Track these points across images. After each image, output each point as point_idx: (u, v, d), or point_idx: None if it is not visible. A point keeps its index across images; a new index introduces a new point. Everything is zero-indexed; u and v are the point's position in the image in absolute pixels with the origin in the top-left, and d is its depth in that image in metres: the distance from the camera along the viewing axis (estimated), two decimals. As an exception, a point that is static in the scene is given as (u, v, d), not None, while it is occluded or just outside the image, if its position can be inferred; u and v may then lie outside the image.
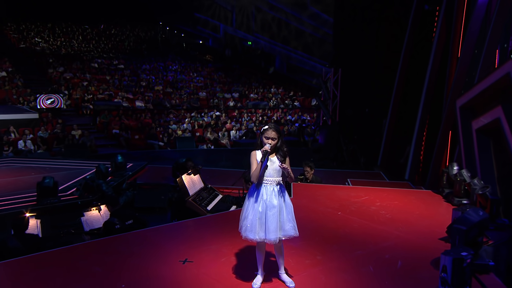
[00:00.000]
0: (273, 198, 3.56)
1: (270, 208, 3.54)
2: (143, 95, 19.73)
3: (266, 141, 3.58)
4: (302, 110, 20.63)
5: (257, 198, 3.58)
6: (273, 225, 3.52)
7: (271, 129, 3.60)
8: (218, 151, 14.80)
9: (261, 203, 3.56)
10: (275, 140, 3.59)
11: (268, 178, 3.61)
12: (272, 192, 3.58)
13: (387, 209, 5.95)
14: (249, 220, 3.57)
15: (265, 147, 3.52)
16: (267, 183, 3.60)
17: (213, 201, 6.60)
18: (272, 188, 3.59)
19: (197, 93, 21.37)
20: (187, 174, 6.56)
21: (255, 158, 3.60)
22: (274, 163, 3.62)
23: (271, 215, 3.53)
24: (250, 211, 3.59)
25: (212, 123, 17.18)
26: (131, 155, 12.96)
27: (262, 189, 3.60)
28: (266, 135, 3.59)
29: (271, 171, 3.61)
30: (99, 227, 5.97)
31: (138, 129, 15.62)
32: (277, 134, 3.59)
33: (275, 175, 3.62)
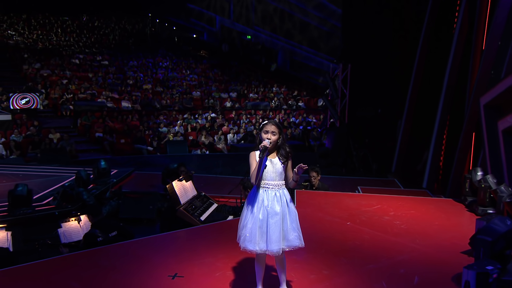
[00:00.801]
0: (275, 204, 3.57)
1: (272, 215, 3.54)
2: (130, 94, 19.78)
3: (265, 135, 3.59)
4: (307, 111, 20.66)
5: (257, 205, 3.59)
6: (275, 235, 3.52)
7: (271, 122, 3.62)
8: (213, 156, 14.79)
9: (262, 210, 3.56)
10: (275, 134, 3.59)
11: (269, 181, 3.61)
12: (274, 198, 3.59)
13: (402, 219, 5.94)
14: (248, 229, 3.57)
15: (264, 142, 3.52)
16: (268, 187, 3.61)
17: (208, 211, 6.60)
18: (274, 193, 3.60)
19: (190, 92, 21.42)
20: (178, 180, 6.56)
21: (255, 158, 3.61)
22: (276, 165, 3.63)
23: (273, 223, 3.53)
24: (249, 219, 3.59)
25: (207, 125, 17.17)
26: (116, 161, 12.95)
27: (263, 194, 3.60)
28: (265, 129, 3.61)
29: (272, 174, 3.62)
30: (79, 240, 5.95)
31: (124, 132, 15.63)
32: (278, 128, 3.61)
33: (277, 178, 3.63)
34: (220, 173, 11.28)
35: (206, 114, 18.80)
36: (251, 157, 3.64)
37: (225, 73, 25.99)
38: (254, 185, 3.64)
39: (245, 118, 18.47)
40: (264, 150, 3.48)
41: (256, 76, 26.16)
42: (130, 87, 20.87)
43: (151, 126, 16.57)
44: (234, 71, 26.60)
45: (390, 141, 11.78)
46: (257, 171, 3.53)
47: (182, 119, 17.72)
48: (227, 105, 20.69)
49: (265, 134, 3.60)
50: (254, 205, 3.61)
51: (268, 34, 27.78)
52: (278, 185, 3.63)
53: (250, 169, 3.60)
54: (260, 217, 3.56)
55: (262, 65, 27.49)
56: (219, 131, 16.43)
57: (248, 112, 19.65)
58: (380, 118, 12.30)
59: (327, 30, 23.18)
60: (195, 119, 18.16)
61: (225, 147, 15.89)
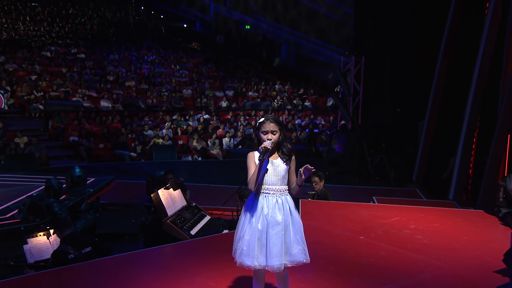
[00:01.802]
0: (277, 213, 3.57)
1: (272, 225, 3.55)
2: (110, 93, 19.82)
3: (264, 136, 3.60)
4: (314, 112, 20.66)
5: (256, 213, 3.59)
6: (276, 248, 3.52)
7: (269, 120, 3.62)
8: (206, 163, 14.78)
9: (261, 219, 3.57)
10: (275, 133, 3.60)
11: (270, 186, 3.62)
12: (275, 205, 3.59)
13: (425, 233, 5.95)
14: (245, 241, 3.57)
15: (265, 144, 3.53)
16: (268, 193, 3.62)
17: (199, 224, 6.58)
18: (275, 199, 3.61)
19: (180, 90, 21.47)
20: (164, 189, 6.55)
21: (253, 161, 3.62)
22: (278, 167, 3.64)
23: (274, 235, 3.53)
24: (246, 229, 3.60)
25: (200, 128, 17.20)
26: (94, 168, 13.01)
27: (262, 201, 3.61)
28: (263, 129, 3.62)
29: (273, 178, 3.62)
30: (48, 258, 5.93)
31: (103, 136, 15.64)
32: (278, 125, 3.62)
33: (279, 182, 3.63)
34: (214, 182, 11.32)
35: (198, 115, 18.80)
36: (250, 159, 3.64)
37: (220, 68, 26.04)
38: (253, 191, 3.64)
39: (243, 120, 18.49)
40: (265, 152, 3.48)
41: (256, 72, 26.19)
42: (111, 84, 20.91)
43: (135, 129, 16.56)
44: (231, 66, 26.65)
45: (410, 146, 11.76)
46: (256, 176, 3.53)
47: (170, 121, 17.73)
48: (222, 105, 20.71)
49: (265, 135, 3.61)
50: (252, 214, 3.61)
51: (270, 24, 27.90)
52: (280, 191, 3.63)
53: (248, 173, 3.60)
54: (259, 228, 3.56)
55: (263, 59, 27.59)
56: (213, 135, 16.45)
57: (247, 113, 19.66)
58: (399, 118, 12.30)
59: (337, 19, 23.28)
60: (185, 121, 18.16)
61: (220, 153, 15.85)
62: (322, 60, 24.41)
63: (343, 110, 13.69)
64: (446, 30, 10.54)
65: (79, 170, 9.38)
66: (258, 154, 3.55)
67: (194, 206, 7.02)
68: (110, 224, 7.81)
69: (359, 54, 13.40)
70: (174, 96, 20.45)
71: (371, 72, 13.22)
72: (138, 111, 18.53)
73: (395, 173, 11.94)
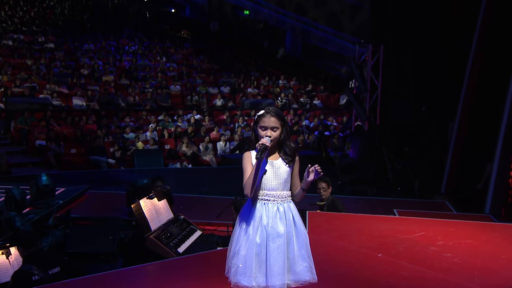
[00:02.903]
0: (278, 223, 3.59)
1: (273, 238, 3.56)
2: (85, 89, 19.86)
3: (263, 132, 3.62)
4: (325, 111, 20.67)
5: (254, 223, 3.61)
6: (278, 265, 3.53)
7: (270, 113, 3.64)
8: (198, 171, 14.82)
9: (260, 230, 3.58)
10: (276, 130, 3.62)
11: (270, 192, 3.64)
12: (276, 214, 3.61)
13: (455, 251, 5.93)
14: (241, 257, 3.59)
15: (263, 140, 3.54)
16: (268, 199, 3.63)
17: (188, 240, 6.59)
18: (276, 207, 3.63)
19: (167, 86, 21.52)
20: (147, 198, 6.56)
21: (250, 161, 3.64)
22: (279, 169, 3.66)
23: (275, 249, 3.55)
24: (242, 243, 3.61)
25: (190, 130, 17.22)
26: (64, 176, 13.03)
27: (261, 210, 3.62)
28: (262, 123, 3.63)
29: (273, 181, 3.64)
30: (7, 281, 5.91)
31: (76, 139, 15.67)
32: (280, 121, 3.64)
33: (280, 187, 3.65)
34: (206, 193, 11.36)
35: (188, 116, 18.82)
36: (246, 159, 3.66)
37: (214, 60, 26.09)
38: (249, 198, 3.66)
39: (241, 121, 18.52)
40: (263, 151, 3.48)
41: (257, 65, 26.23)
42: (85, 79, 20.95)
43: (113, 132, 16.58)
44: (227, 58, 26.69)
45: (438, 150, 11.74)
46: (253, 179, 3.54)
47: (155, 122, 17.76)
48: (217, 104, 20.75)
49: (263, 131, 3.63)
50: (249, 224, 3.63)
51: (273, 9, 27.93)
52: (281, 197, 3.65)
53: (243, 175, 3.62)
54: (257, 241, 3.57)
55: (264, 50, 27.64)
56: (205, 138, 16.46)
57: (246, 112, 19.69)
58: (425, 118, 12.28)
59: (351, 2, 23.32)
60: (173, 122, 18.18)
61: (214, 159, 15.87)
62: (334, 50, 24.41)
63: (358, 108, 13.67)
64: (480, 16, 10.54)
65: (46, 178, 9.36)
66: (255, 153, 3.55)
67: (182, 220, 7.03)
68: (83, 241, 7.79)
69: (377, 42, 13.38)
70: (160, 93, 20.48)
71: (392, 63, 13.20)
72: (118, 111, 18.56)
73: (420, 183, 11.92)
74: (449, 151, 11.27)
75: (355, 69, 13.90)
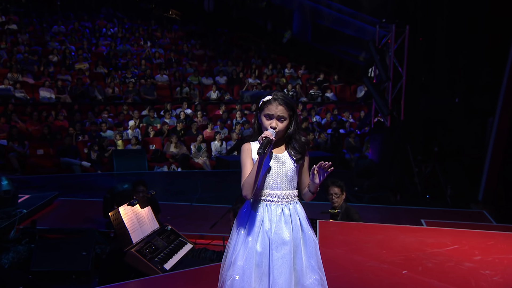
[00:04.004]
0: (283, 228, 3.60)
1: (277, 246, 3.57)
2: (54, 78, 19.88)
3: (267, 122, 3.62)
4: (339, 105, 20.70)
5: (254, 229, 3.62)
6: (283, 277, 3.55)
7: (277, 101, 3.65)
8: (189, 175, 14.85)
9: (261, 237, 3.60)
10: (283, 120, 3.63)
11: (273, 191, 3.65)
12: (280, 217, 3.62)
13: (495, 268, 5.90)
14: (238, 268, 3.60)
15: (266, 133, 3.54)
16: (271, 200, 3.65)
17: (176, 255, 6.58)
18: (281, 209, 3.64)
19: (152, 76, 21.55)
20: (128, 205, 6.55)
21: (250, 154, 3.65)
22: (284, 164, 3.68)
23: (280, 259, 3.56)
24: (240, 252, 3.62)
25: (180, 128, 17.25)
26: (30, 181, 13.06)
27: (263, 212, 3.64)
28: (268, 111, 3.65)
29: (278, 179, 3.66)
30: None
31: (44, 138, 15.69)
32: (288, 110, 3.65)
33: (285, 186, 3.67)
34: (198, 201, 11.36)
35: (177, 110, 18.85)
36: (244, 152, 3.67)
37: (208, 46, 26.11)
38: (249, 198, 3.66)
39: (240, 117, 18.54)
40: (266, 145, 3.49)
41: (258, 50, 26.23)
42: (54, 67, 21.00)
43: (88, 129, 16.58)
44: (224, 42, 26.67)
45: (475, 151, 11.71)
46: (254, 178, 3.55)
47: (138, 117, 17.77)
48: (211, 97, 20.77)
49: (268, 120, 3.64)
50: (248, 230, 3.64)
51: (278, -15, 27.94)
52: (287, 197, 3.66)
53: (242, 172, 3.63)
54: (258, 249, 3.58)
55: (267, 33, 27.61)
56: (198, 137, 16.46)
57: (245, 107, 19.71)
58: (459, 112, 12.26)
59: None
60: (159, 117, 18.18)
61: (208, 162, 15.91)
62: (350, 33, 24.37)
63: (378, 101, 13.66)
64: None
65: (7, 183, 9.35)
66: (256, 146, 3.57)
67: (170, 231, 7.02)
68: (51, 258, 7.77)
69: (402, 22, 13.37)
70: (144, 84, 20.51)
71: (419, 47, 13.19)
72: (93, 105, 18.58)
73: (453, 189, 11.90)
74: (488, 151, 11.24)
75: (375, 55, 13.88)
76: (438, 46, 12.64)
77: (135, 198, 6.84)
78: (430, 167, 12.38)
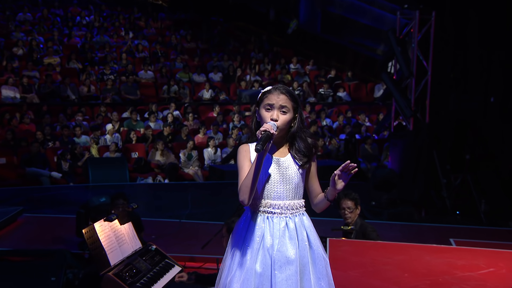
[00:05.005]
0: (287, 245, 3.62)
1: (280, 265, 3.59)
2: (19, 75, 19.91)
3: (268, 114, 3.64)
4: (354, 107, 20.75)
5: (252, 245, 3.63)
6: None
7: (279, 89, 3.68)
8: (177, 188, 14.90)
9: (262, 255, 3.61)
10: (286, 112, 3.64)
11: (276, 201, 3.66)
12: (284, 232, 3.64)
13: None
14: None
15: (265, 126, 3.53)
16: (273, 212, 3.66)
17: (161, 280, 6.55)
18: (284, 222, 3.65)
19: (135, 72, 21.57)
20: (105, 220, 6.54)
21: (248, 157, 3.67)
22: (288, 169, 3.68)
23: (284, 281, 3.57)
24: (236, 272, 3.64)
25: (167, 133, 17.26)
26: (-10, 195, 13.07)
27: (263, 226, 3.65)
28: (268, 101, 3.67)
29: (280, 187, 3.67)
30: None
31: (7, 144, 15.67)
32: (291, 101, 3.68)
33: (290, 195, 3.68)
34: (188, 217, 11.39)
35: (164, 112, 18.87)
36: (242, 154, 3.70)
37: (200, 37, 26.17)
38: (247, 207, 3.67)
39: (237, 120, 18.57)
40: (265, 140, 3.47)
41: (259, 42, 26.25)
42: (19, 62, 21.03)
43: (59, 134, 16.59)
44: (218, 33, 26.71)
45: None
46: (252, 179, 3.53)
47: (118, 120, 17.79)
48: (204, 96, 20.80)
49: (268, 112, 3.65)
50: (246, 247, 3.65)
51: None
52: (292, 208, 3.68)
53: (239, 175, 3.64)
54: (257, 270, 3.59)
55: (270, 22, 27.66)
56: (188, 143, 16.47)
57: (244, 108, 19.75)
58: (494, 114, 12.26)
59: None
60: (143, 120, 18.20)
61: (200, 172, 15.91)
62: (366, 23, 24.42)
63: (400, 101, 13.66)
64: None
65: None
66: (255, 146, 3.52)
67: (154, 251, 7.00)
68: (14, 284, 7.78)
69: (427, 7, 13.39)
70: (126, 81, 20.55)
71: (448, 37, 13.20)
72: (66, 105, 18.60)
73: (488, 204, 11.90)
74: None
75: (395, 47, 13.89)
76: (470, 36, 12.65)
77: (114, 212, 6.83)
78: (461, 178, 12.38)
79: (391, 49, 14.10)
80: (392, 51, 14.15)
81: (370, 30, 24.09)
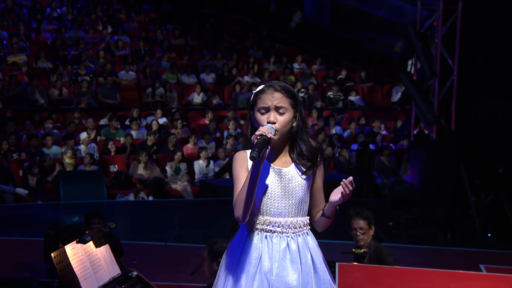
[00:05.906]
0: (288, 269, 3.62)
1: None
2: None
3: (263, 117, 3.63)
4: (368, 112, 20.88)
5: (248, 269, 3.63)
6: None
7: (273, 87, 3.68)
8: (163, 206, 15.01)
9: (259, 280, 3.61)
10: (284, 113, 3.65)
11: (276, 218, 3.66)
12: (285, 254, 3.64)
13: None
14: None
15: (262, 129, 3.50)
16: (272, 231, 3.67)
17: (142, 311, 6.56)
18: (285, 243, 3.66)
19: (114, 73, 21.65)
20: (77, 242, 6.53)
21: (245, 166, 3.66)
22: (291, 181, 3.68)
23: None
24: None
25: (151, 142, 17.33)
26: None
27: (261, 247, 3.65)
28: (262, 103, 3.67)
29: (281, 202, 3.67)
30: None
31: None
32: (289, 98, 3.70)
33: (292, 211, 3.68)
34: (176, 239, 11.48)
35: (148, 119, 18.92)
36: (237, 162, 3.70)
37: (190, 33, 26.29)
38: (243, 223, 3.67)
39: (233, 128, 18.59)
40: (262, 145, 3.44)
41: (258, 39, 26.36)
42: (-20, 60, 21.08)
43: (26, 144, 16.64)
44: (211, 28, 26.78)
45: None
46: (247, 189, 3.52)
47: (94, 128, 17.84)
48: (194, 100, 20.90)
49: (263, 115, 3.65)
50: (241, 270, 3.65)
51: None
52: (294, 227, 3.68)
53: (234, 187, 3.64)
54: (253, 297, 3.62)
55: (271, 15, 27.78)
56: (176, 155, 16.49)
57: (240, 114, 19.78)
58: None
59: None
60: (124, 128, 18.24)
61: (189, 188, 15.96)
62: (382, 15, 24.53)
63: (421, 105, 13.70)
64: None
65: None
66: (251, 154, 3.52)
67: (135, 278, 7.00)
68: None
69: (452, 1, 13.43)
70: (104, 83, 20.61)
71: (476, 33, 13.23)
72: (33, 111, 18.66)
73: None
74: None
75: (416, 43, 13.93)
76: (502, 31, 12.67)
77: (88, 233, 6.81)
78: (492, 195, 12.40)
79: (411, 45, 14.15)
80: (412, 48, 14.20)
81: (387, 23, 24.22)
